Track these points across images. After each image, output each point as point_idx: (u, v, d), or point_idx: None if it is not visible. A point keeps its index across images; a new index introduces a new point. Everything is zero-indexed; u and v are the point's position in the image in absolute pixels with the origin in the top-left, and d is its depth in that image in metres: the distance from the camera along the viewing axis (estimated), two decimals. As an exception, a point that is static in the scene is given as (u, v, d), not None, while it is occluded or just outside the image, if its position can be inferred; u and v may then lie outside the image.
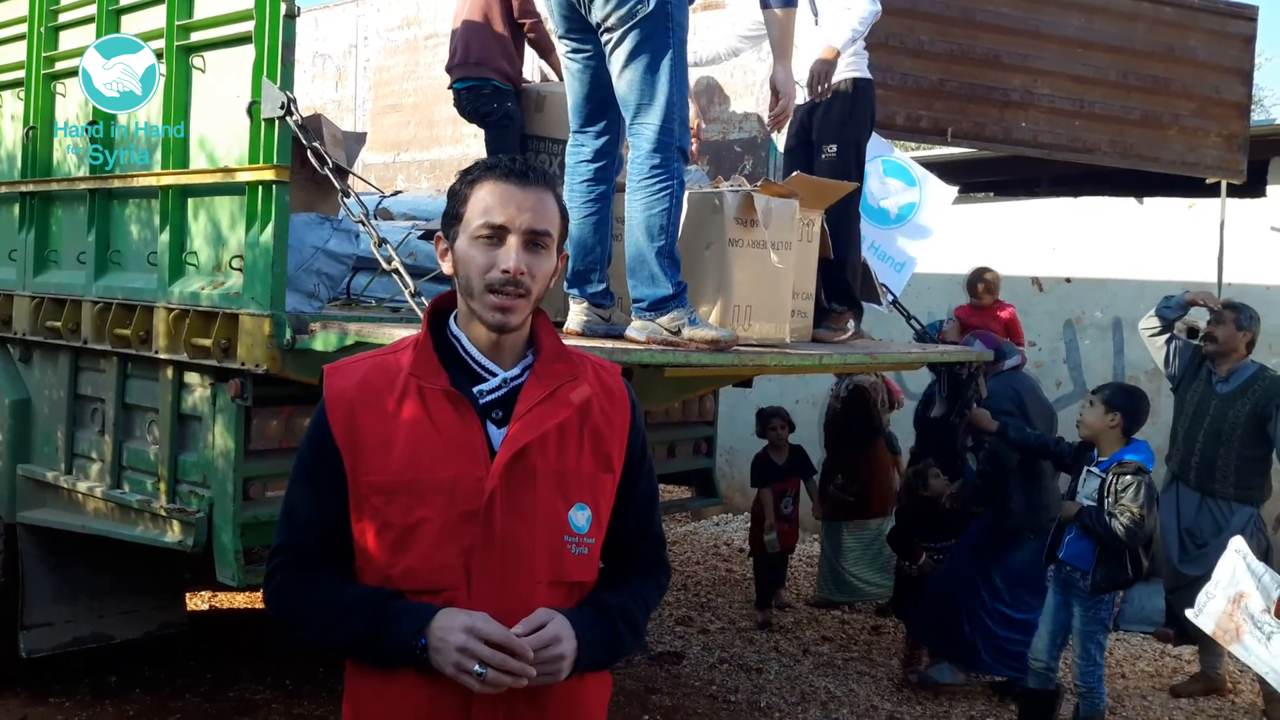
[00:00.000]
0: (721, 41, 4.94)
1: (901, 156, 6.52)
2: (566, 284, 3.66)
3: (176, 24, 3.84)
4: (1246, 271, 7.29)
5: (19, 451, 4.52)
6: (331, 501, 1.80)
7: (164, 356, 3.81)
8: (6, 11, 4.79)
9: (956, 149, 7.75)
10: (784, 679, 5.53)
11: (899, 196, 6.06)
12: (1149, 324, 5.67)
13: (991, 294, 6.60)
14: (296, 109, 3.45)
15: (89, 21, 4.20)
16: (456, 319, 1.88)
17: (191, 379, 3.81)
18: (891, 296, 5.34)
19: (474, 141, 5.81)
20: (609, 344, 3.43)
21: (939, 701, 5.33)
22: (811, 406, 8.26)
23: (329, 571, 1.82)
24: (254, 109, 3.52)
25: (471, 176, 1.84)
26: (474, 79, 4.87)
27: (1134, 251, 7.87)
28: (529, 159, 4.86)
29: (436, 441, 1.77)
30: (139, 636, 4.72)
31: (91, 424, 4.24)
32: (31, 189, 4.50)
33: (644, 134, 3.45)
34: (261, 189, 3.52)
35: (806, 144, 4.67)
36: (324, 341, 3.33)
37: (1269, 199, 7.73)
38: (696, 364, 3.50)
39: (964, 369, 5.09)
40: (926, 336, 5.53)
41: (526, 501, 1.78)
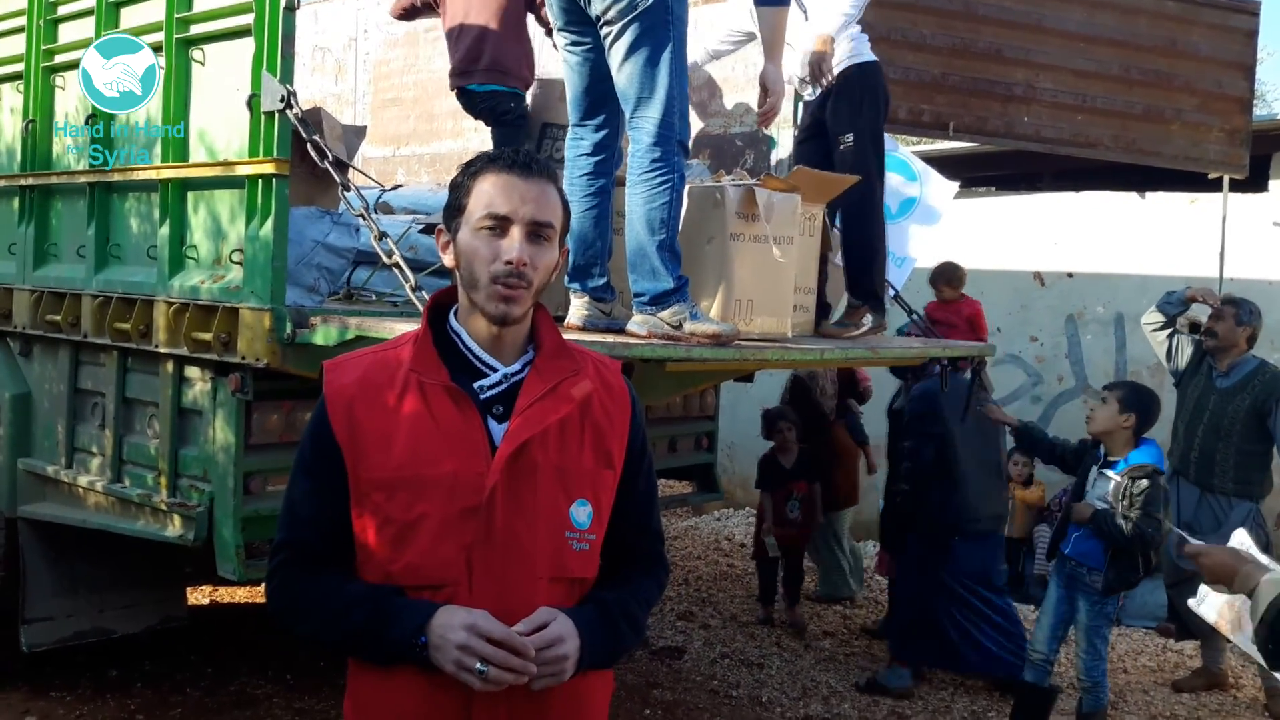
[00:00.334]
0: (700, 47, 4.88)
1: (903, 151, 6.51)
2: (567, 278, 3.65)
3: (176, 17, 3.83)
4: (1248, 267, 7.28)
5: (19, 445, 4.51)
6: (332, 497, 1.79)
7: (164, 350, 3.80)
8: (5, 4, 4.78)
9: (959, 143, 7.74)
10: (785, 674, 5.53)
11: (900, 192, 6.05)
12: (1151, 319, 5.67)
13: (955, 289, 6.54)
14: (296, 102, 3.44)
15: (88, 14, 4.19)
16: (457, 314, 1.87)
17: (192, 373, 3.80)
18: (893, 292, 5.33)
19: (474, 135, 5.81)
20: (610, 338, 3.42)
21: (940, 696, 5.33)
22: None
23: (330, 568, 1.81)
24: (254, 102, 3.51)
25: (474, 168, 1.84)
26: (499, 86, 4.84)
27: (1136, 246, 7.86)
28: (546, 146, 4.89)
29: (437, 437, 1.76)
30: (140, 631, 4.72)
31: (92, 418, 4.23)
32: (31, 182, 4.49)
33: (644, 128, 3.44)
34: (261, 182, 3.51)
35: (818, 136, 4.64)
36: (324, 335, 3.32)
37: (1271, 194, 7.73)
38: (698, 359, 3.48)
39: (964, 365, 5.08)
40: (930, 331, 5.53)
41: (527, 497, 1.77)
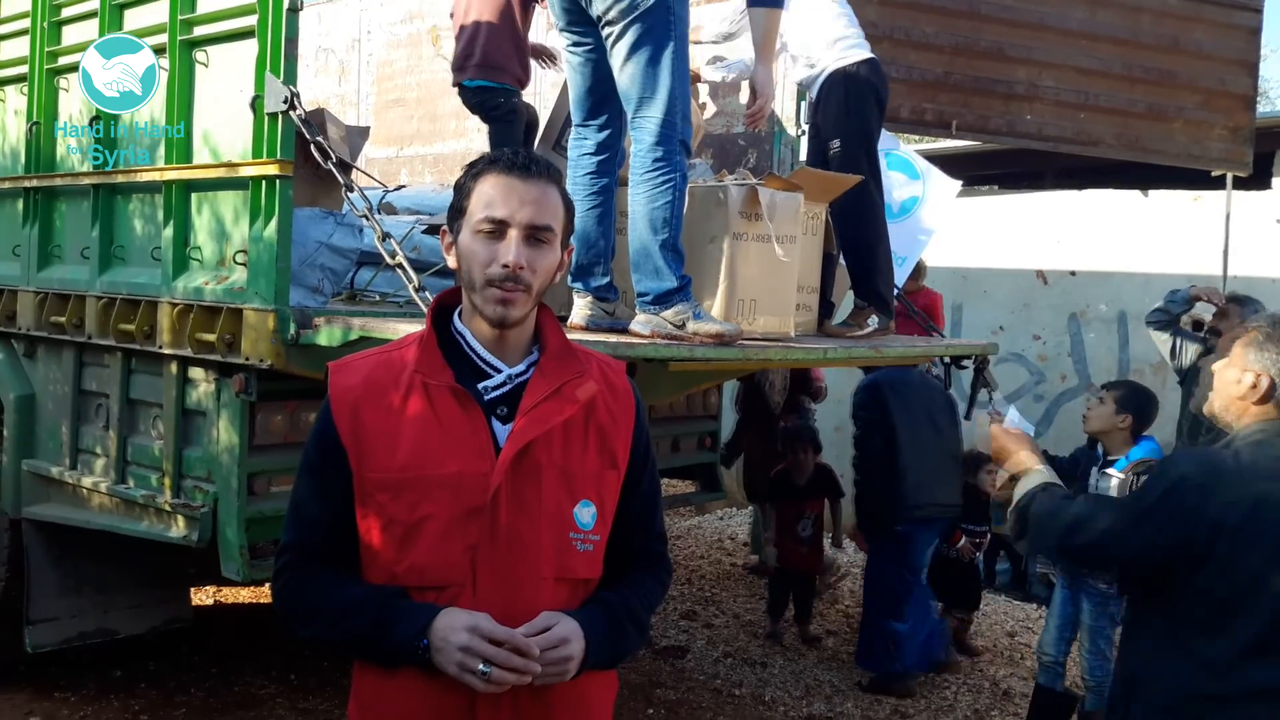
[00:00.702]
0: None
1: (905, 150, 6.51)
2: (570, 278, 3.65)
3: (179, 19, 3.83)
4: (1252, 264, 7.28)
5: (24, 447, 4.52)
6: (337, 498, 1.79)
7: (168, 352, 3.80)
8: (10, 6, 4.79)
9: (961, 142, 7.75)
10: (788, 673, 5.53)
11: (902, 190, 6.05)
12: (1155, 317, 5.67)
13: (915, 281, 6.52)
14: (300, 103, 3.44)
15: (92, 17, 4.20)
16: (461, 315, 1.87)
17: (196, 374, 3.80)
18: (895, 291, 5.32)
19: (478, 136, 5.80)
20: (613, 338, 3.42)
21: (943, 696, 5.33)
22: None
23: (335, 569, 1.82)
24: (257, 104, 3.51)
25: (475, 169, 1.84)
26: (489, 82, 4.84)
27: (1139, 244, 7.86)
28: (564, 141, 4.89)
29: (441, 438, 1.77)
30: (144, 631, 4.72)
31: (96, 419, 4.24)
32: (35, 184, 4.50)
33: (646, 127, 3.45)
34: (265, 184, 3.51)
35: (815, 137, 4.65)
36: (328, 336, 3.33)
37: (1274, 191, 7.72)
38: (701, 358, 3.48)
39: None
40: (932, 329, 5.52)
41: (532, 498, 1.77)
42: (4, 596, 4.53)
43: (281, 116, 3.45)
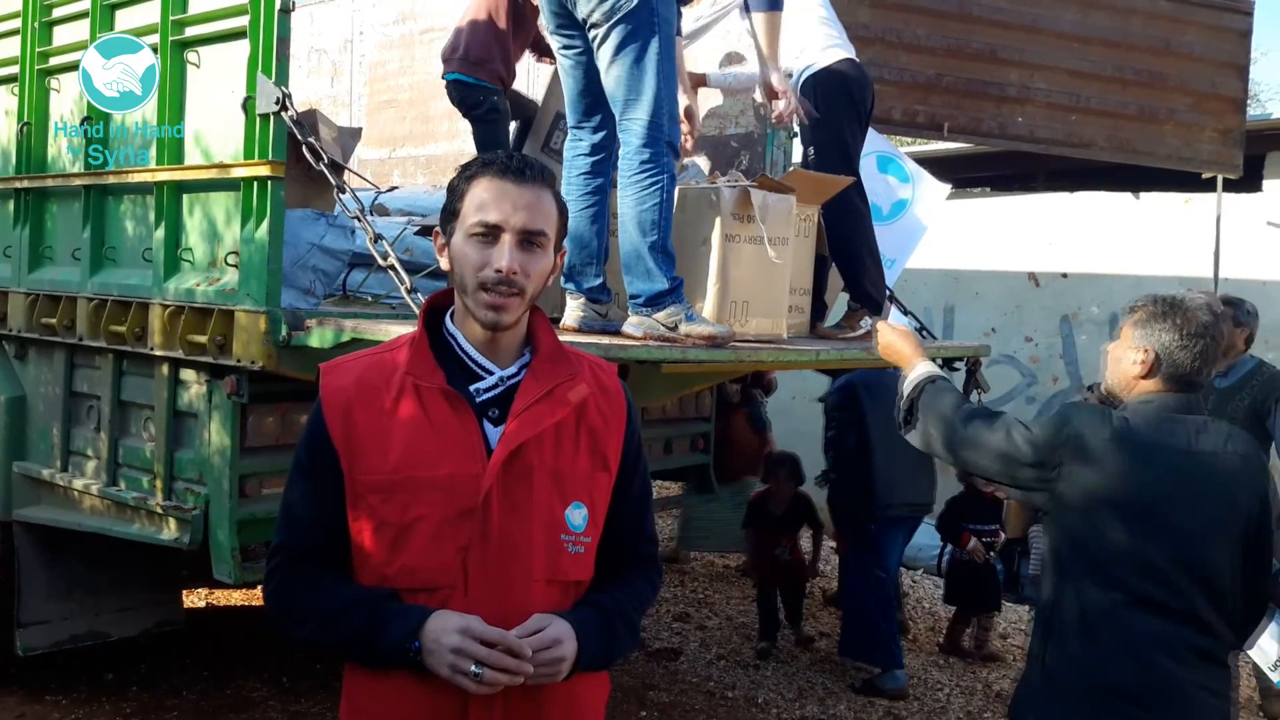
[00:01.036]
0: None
1: (895, 152, 6.52)
2: (563, 279, 3.65)
3: (171, 19, 3.82)
4: (1243, 266, 7.30)
5: (14, 449, 4.50)
6: (329, 500, 1.79)
7: (159, 353, 3.79)
8: (0, 7, 4.77)
9: (953, 144, 7.76)
10: (781, 675, 5.53)
11: (892, 193, 6.05)
12: None
13: None
14: (292, 104, 3.43)
15: (83, 17, 4.19)
16: (453, 316, 1.87)
17: (187, 376, 3.79)
18: (887, 292, 5.33)
19: (470, 137, 5.79)
20: (606, 340, 3.42)
21: (935, 698, 5.34)
22: (809, 403, 8.25)
23: (327, 571, 1.81)
24: (249, 104, 3.50)
25: (469, 172, 1.84)
26: (466, 76, 4.92)
27: (1131, 246, 7.88)
28: (557, 138, 4.91)
29: (433, 440, 1.76)
30: (136, 634, 4.71)
31: (87, 421, 4.23)
32: (26, 185, 4.49)
33: (632, 129, 3.45)
34: (257, 185, 3.51)
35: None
36: (320, 338, 3.32)
37: (1265, 194, 7.75)
38: (694, 360, 3.49)
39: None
40: (924, 331, 5.53)
41: (523, 500, 1.77)
42: (-5, 599, 4.52)
43: (273, 117, 3.44)
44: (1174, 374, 2.58)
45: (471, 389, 1.81)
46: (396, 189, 5.88)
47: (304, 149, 3.47)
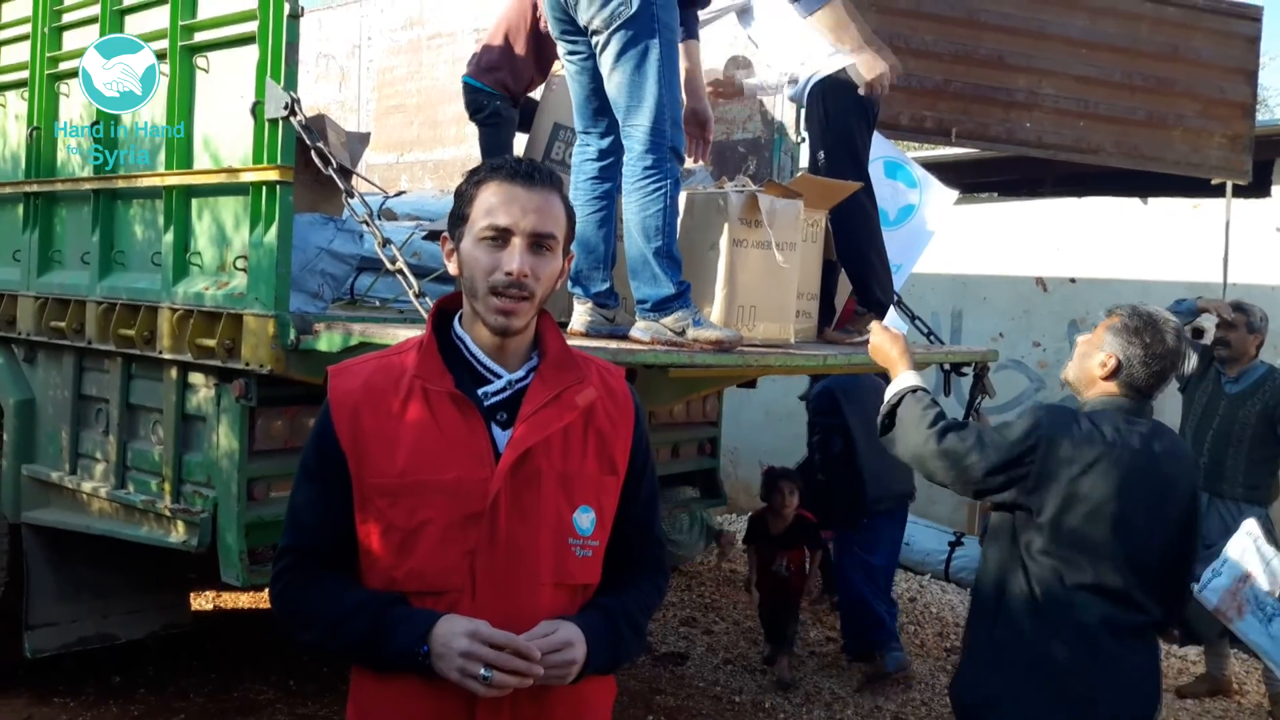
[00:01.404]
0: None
1: (903, 157, 6.51)
2: (570, 284, 3.65)
3: (180, 24, 3.84)
4: (1251, 272, 7.28)
5: (24, 451, 4.51)
6: (336, 503, 1.79)
7: (168, 357, 3.81)
8: (11, 11, 4.79)
9: (961, 149, 7.73)
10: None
11: (899, 198, 6.04)
12: None
13: None
14: (300, 109, 3.44)
15: (92, 22, 4.20)
16: (461, 320, 1.87)
17: (196, 379, 3.80)
18: (894, 297, 5.32)
19: (478, 142, 5.81)
20: (613, 344, 3.42)
21: (943, 701, 5.32)
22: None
23: (334, 574, 1.82)
24: (258, 109, 3.51)
25: (477, 177, 1.84)
26: (474, 81, 5.08)
27: (1138, 252, 7.86)
28: (559, 149, 4.95)
29: (441, 443, 1.77)
30: (143, 636, 4.72)
31: (96, 424, 4.24)
32: (35, 189, 4.50)
33: (635, 135, 3.45)
34: (265, 189, 3.52)
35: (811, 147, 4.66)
36: (328, 342, 3.33)
37: (1274, 199, 7.72)
38: (701, 365, 3.48)
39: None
40: (932, 336, 5.52)
41: (531, 504, 1.78)
42: (3, 601, 4.53)
43: (282, 122, 3.45)
44: (1130, 383, 2.78)
45: (480, 393, 1.81)
46: (404, 193, 5.89)
47: (312, 154, 3.47)
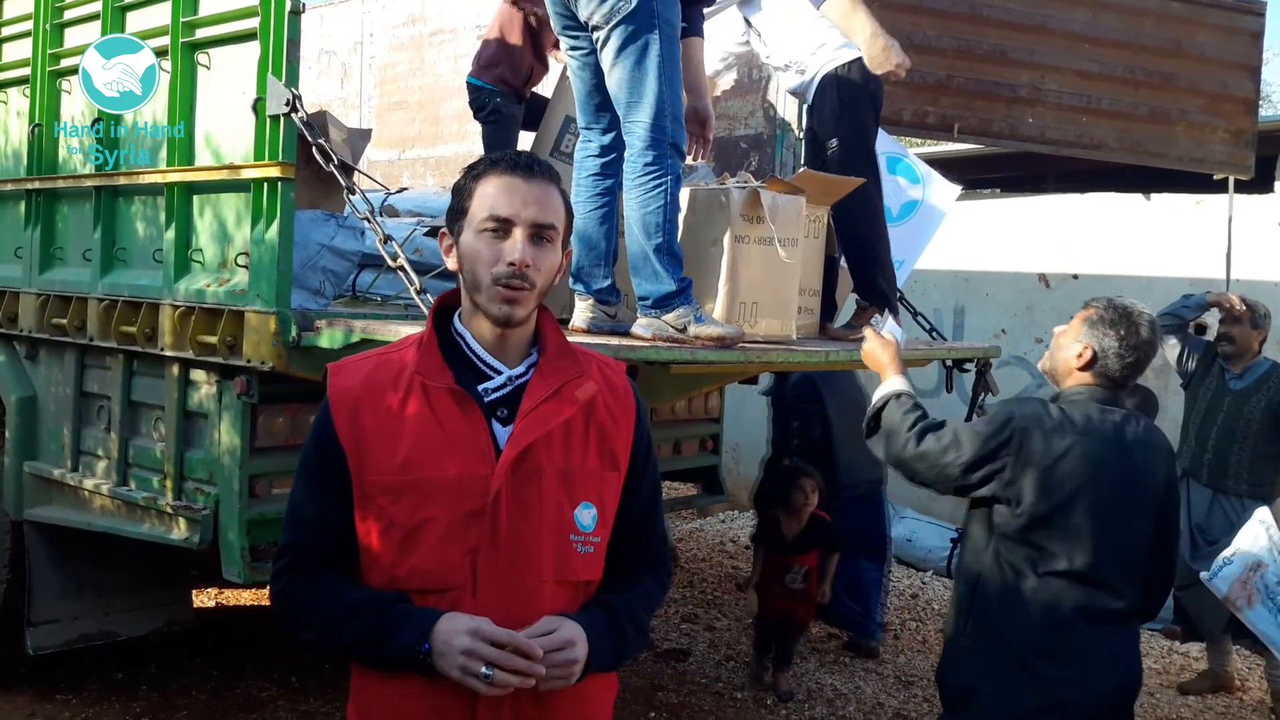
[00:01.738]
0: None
1: (906, 153, 6.50)
2: (572, 280, 3.65)
3: (181, 20, 3.83)
4: (1255, 268, 7.26)
5: (25, 449, 4.51)
6: (336, 500, 1.79)
7: (170, 354, 3.80)
8: (12, 8, 4.79)
9: (963, 145, 7.72)
10: (790, 676, 5.51)
11: (902, 194, 6.03)
12: (1164, 321, 5.64)
13: None
14: (302, 106, 3.44)
15: (94, 19, 4.20)
16: (461, 316, 1.87)
17: (197, 376, 3.80)
18: (898, 292, 5.31)
19: (479, 138, 5.81)
20: (615, 341, 3.42)
21: (946, 699, 5.31)
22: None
23: (334, 572, 1.81)
24: (259, 106, 3.51)
25: (477, 171, 1.84)
26: (475, 79, 5.18)
27: (1142, 248, 7.85)
28: (569, 141, 4.97)
29: (441, 440, 1.76)
30: (146, 634, 4.72)
31: (97, 421, 4.24)
32: (37, 186, 4.50)
33: (636, 132, 3.44)
34: (267, 186, 3.51)
35: (813, 141, 4.65)
36: (329, 339, 3.32)
37: (1277, 195, 7.70)
38: (703, 361, 3.48)
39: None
40: (934, 333, 5.52)
41: (532, 500, 1.77)
42: (6, 599, 4.53)
43: (283, 119, 3.44)
44: (1104, 373, 2.86)
45: (480, 389, 1.81)
46: (406, 190, 5.88)
47: (314, 150, 3.47)
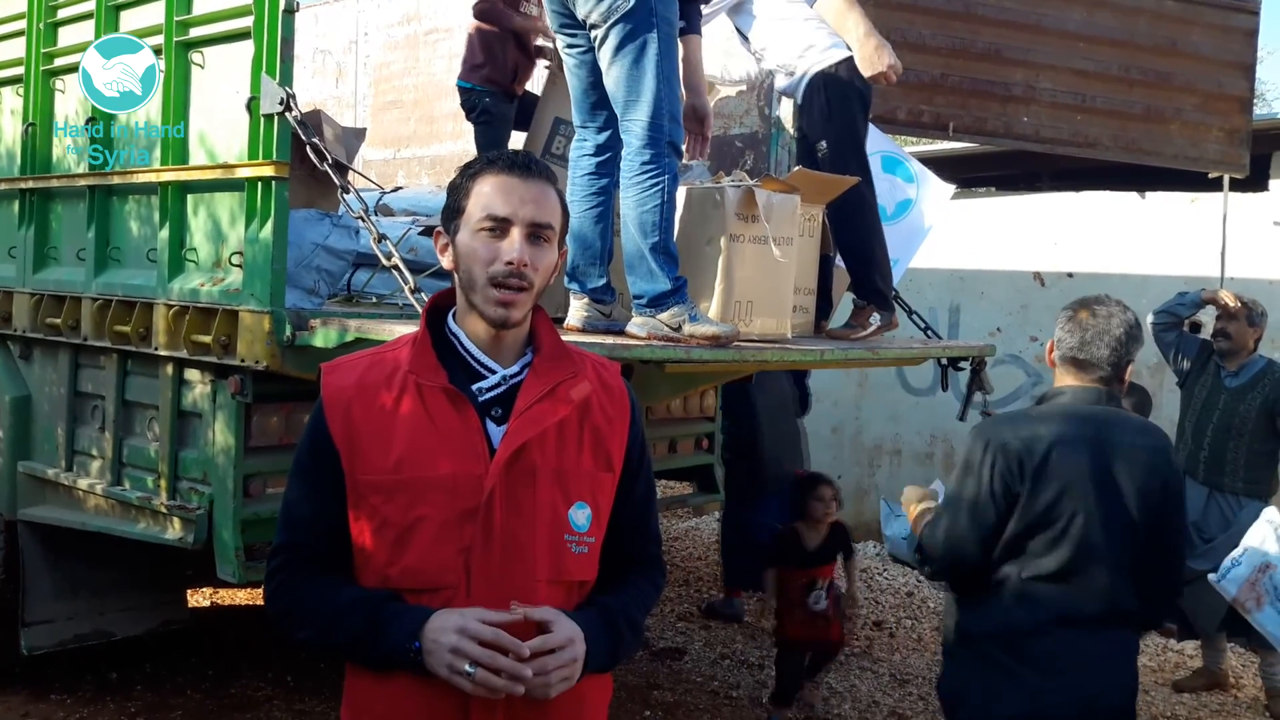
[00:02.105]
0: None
1: (900, 152, 6.50)
2: (567, 279, 3.64)
3: (175, 20, 3.83)
4: (1249, 266, 7.27)
5: (19, 448, 4.51)
6: (330, 500, 1.79)
7: (164, 353, 3.80)
8: (6, 7, 4.78)
9: (958, 144, 7.73)
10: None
11: (896, 193, 6.04)
12: (1160, 319, 5.65)
13: None
14: (296, 105, 3.44)
15: (88, 18, 4.19)
16: (455, 316, 1.87)
17: (191, 375, 3.80)
18: (893, 290, 5.31)
19: (473, 139, 5.81)
20: (609, 340, 3.42)
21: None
22: (816, 403, 8.22)
23: (328, 571, 1.81)
24: (253, 105, 3.51)
25: (473, 170, 1.84)
26: (463, 81, 5.15)
27: (1136, 246, 7.85)
28: (559, 143, 4.97)
29: (435, 439, 1.76)
30: (140, 633, 4.72)
31: (92, 421, 4.23)
32: (31, 186, 4.50)
33: (633, 130, 3.43)
34: (261, 185, 3.51)
35: (804, 140, 4.65)
36: (324, 338, 3.32)
37: (1271, 194, 7.72)
38: (697, 360, 3.48)
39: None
40: (929, 331, 5.51)
41: (526, 500, 1.77)
42: (0, 599, 4.52)
43: (277, 118, 3.44)
44: (1075, 366, 2.85)
45: (474, 388, 1.80)
46: (401, 189, 5.89)
47: (308, 149, 3.46)
